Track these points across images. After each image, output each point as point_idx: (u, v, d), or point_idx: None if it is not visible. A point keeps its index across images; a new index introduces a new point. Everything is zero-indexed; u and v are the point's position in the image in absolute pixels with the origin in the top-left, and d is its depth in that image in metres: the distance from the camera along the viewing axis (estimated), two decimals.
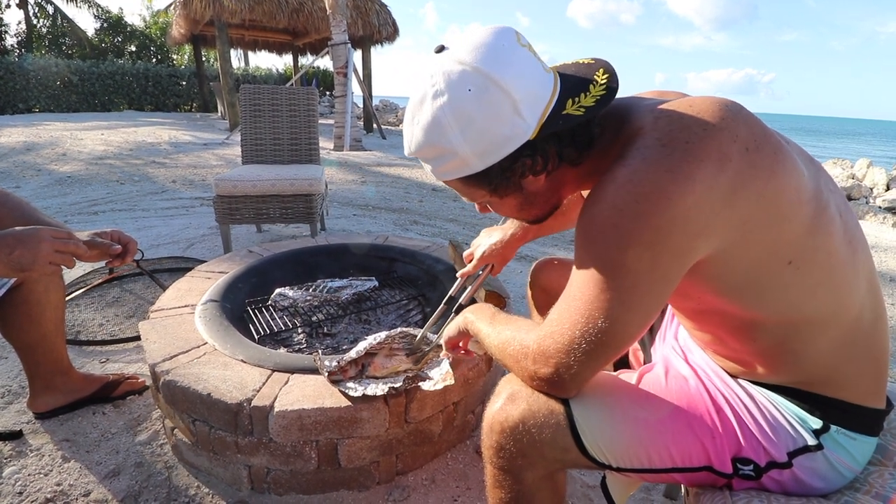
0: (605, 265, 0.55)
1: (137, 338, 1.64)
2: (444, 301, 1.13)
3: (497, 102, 0.56)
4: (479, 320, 0.78)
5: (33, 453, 1.17)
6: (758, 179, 0.53)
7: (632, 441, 0.63)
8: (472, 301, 1.40)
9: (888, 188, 6.44)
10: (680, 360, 0.74)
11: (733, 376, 0.67)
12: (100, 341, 1.67)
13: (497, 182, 0.63)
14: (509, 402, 0.66)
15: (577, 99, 0.58)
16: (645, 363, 0.89)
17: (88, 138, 6.49)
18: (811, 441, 0.60)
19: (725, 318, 0.62)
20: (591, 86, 0.59)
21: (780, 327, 0.59)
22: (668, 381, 0.68)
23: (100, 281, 2.07)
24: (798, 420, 0.61)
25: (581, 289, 0.57)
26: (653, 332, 0.92)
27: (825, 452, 0.60)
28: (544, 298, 1.11)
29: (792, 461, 0.60)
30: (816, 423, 0.60)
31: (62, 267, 0.91)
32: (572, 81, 0.60)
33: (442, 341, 0.91)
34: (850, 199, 6.06)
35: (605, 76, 0.60)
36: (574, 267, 0.59)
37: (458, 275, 1.15)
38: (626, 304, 0.55)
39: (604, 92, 0.58)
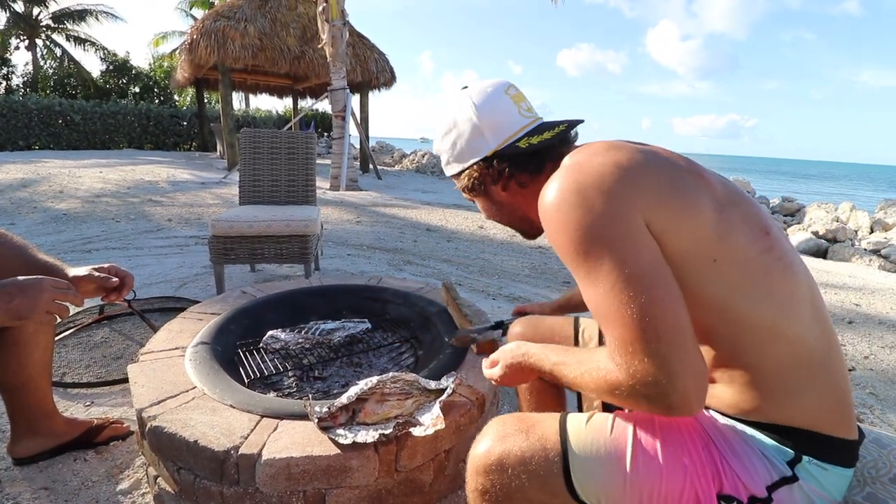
0: (591, 264, 0.60)
1: (124, 380, 1.61)
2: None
3: (469, 128, 0.81)
4: (543, 350, 0.75)
5: (10, 502, 1.13)
6: (660, 182, 0.64)
7: (626, 485, 0.63)
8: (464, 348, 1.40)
9: (872, 230, 6.61)
10: None
11: (706, 407, 0.69)
12: (85, 384, 1.64)
13: (471, 184, 0.83)
14: (498, 442, 0.66)
15: (531, 138, 0.78)
16: None
17: (86, 176, 6.57)
18: (787, 472, 0.61)
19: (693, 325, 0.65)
20: (548, 131, 0.78)
21: (729, 333, 0.64)
22: (658, 422, 0.69)
23: (90, 321, 2.05)
24: (771, 451, 0.63)
25: (602, 291, 0.59)
26: None
27: (801, 484, 0.61)
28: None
29: (771, 495, 0.61)
30: (788, 455, 0.62)
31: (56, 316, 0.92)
32: (542, 128, 0.80)
33: (492, 370, 0.87)
34: (835, 241, 6.19)
35: (562, 127, 0.79)
36: (582, 285, 0.63)
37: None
38: (635, 265, 0.58)
39: (551, 136, 0.77)
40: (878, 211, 7.80)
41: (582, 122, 0.81)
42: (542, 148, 0.77)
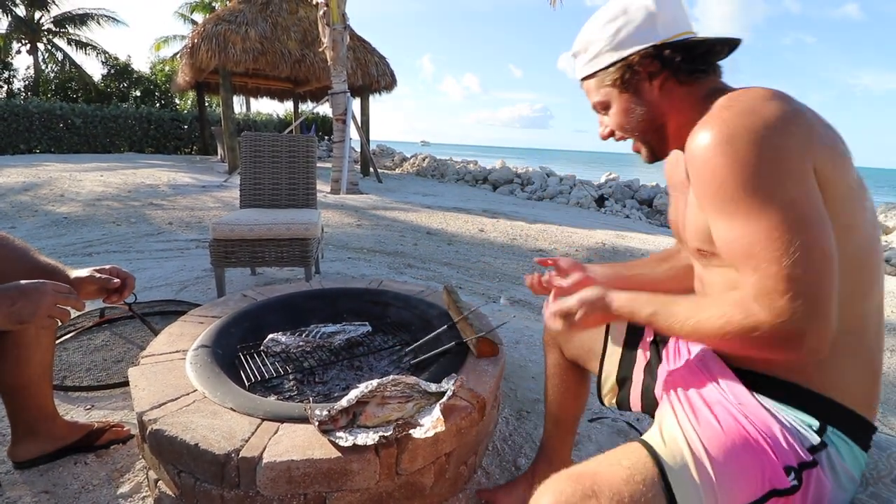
0: (753, 203, 0.60)
1: (125, 384, 1.61)
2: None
3: (643, 17, 0.75)
4: (635, 298, 0.75)
5: None
6: (823, 128, 0.65)
7: (723, 494, 0.62)
8: (463, 343, 1.40)
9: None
10: (707, 382, 0.76)
11: (740, 370, 0.72)
12: (86, 387, 1.64)
13: (625, 76, 0.77)
14: (586, 501, 0.60)
15: (702, 38, 0.75)
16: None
17: (87, 179, 6.58)
18: (815, 439, 0.64)
19: None
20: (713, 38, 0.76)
21: None
22: (720, 420, 0.68)
23: (90, 324, 2.05)
24: (800, 422, 0.65)
25: (762, 229, 0.59)
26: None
27: (829, 451, 0.64)
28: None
29: (814, 458, 0.63)
30: (815, 423, 0.65)
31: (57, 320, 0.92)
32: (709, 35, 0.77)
33: (556, 308, 0.83)
34: None
35: (728, 39, 0.76)
36: (734, 223, 0.62)
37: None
38: (803, 208, 0.59)
39: (722, 40, 0.75)
40: (879, 214, 7.82)
41: (740, 41, 0.77)
42: (711, 49, 0.75)
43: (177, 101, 18.01)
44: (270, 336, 1.49)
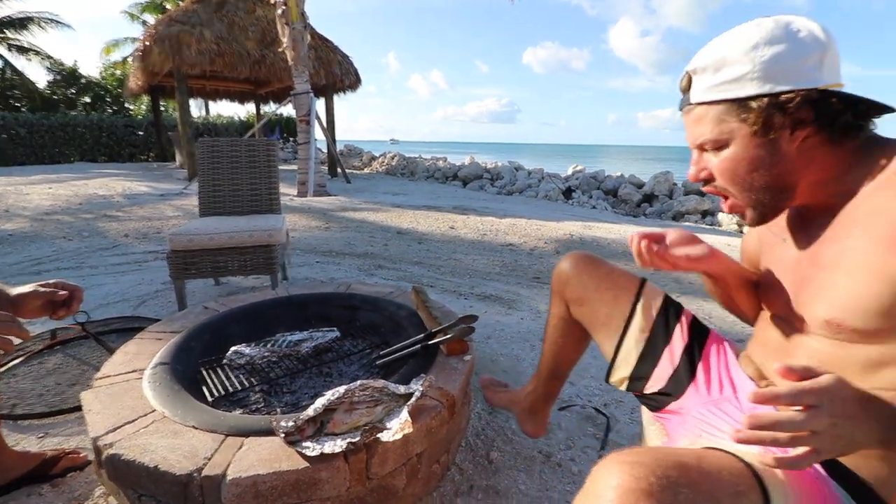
0: None
1: (80, 408, 1.54)
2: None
3: (811, 46, 0.61)
4: None
5: None
6: None
7: None
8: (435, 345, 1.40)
9: None
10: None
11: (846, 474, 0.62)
12: (38, 414, 1.55)
13: (766, 117, 0.63)
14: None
15: (858, 96, 0.63)
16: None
17: (34, 193, 6.23)
18: None
19: None
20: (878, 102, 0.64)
21: None
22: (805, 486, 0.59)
23: (41, 347, 1.95)
24: None
25: None
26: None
27: None
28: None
29: None
30: None
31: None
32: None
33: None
34: None
35: (884, 105, 0.64)
36: None
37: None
38: None
39: (881, 104, 0.63)
40: None
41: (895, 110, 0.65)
42: (870, 110, 0.63)
43: (130, 106, 17.25)
44: (233, 348, 1.45)
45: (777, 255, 0.77)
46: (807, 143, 0.64)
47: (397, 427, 1.01)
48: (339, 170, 9.86)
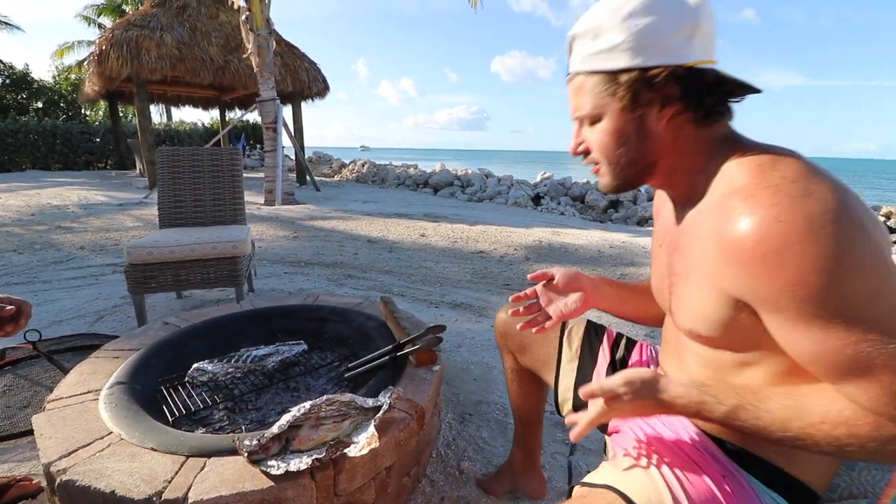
0: (839, 298, 0.50)
1: (32, 432, 1.46)
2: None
3: (683, 17, 0.59)
4: (706, 391, 0.60)
5: None
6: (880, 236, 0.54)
7: None
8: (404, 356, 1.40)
9: None
10: (684, 437, 0.71)
11: (719, 439, 0.69)
12: None
13: (634, 92, 0.62)
14: None
15: (730, 75, 0.62)
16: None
17: None
18: None
19: (792, 369, 0.60)
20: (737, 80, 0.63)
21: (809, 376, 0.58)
22: (702, 482, 0.64)
23: None
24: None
25: (871, 337, 0.50)
26: None
27: None
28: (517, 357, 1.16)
29: None
30: None
31: None
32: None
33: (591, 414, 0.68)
34: None
35: (750, 86, 0.64)
36: (823, 327, 0.51)
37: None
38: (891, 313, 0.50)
39: (749, 84, 0.63)
40: None
41: (761, 91, 0.64)
42: (736, 90, 0.63)
43: (86, 112, 16.54)
44: (196, 365, 1.41)
45: (658, 259, 0.79)
46: (673, 121, 0.64)
47: (364, 441, 1.00)
48: (307, 177, 9.72)
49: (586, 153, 0.71)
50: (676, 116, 0.63)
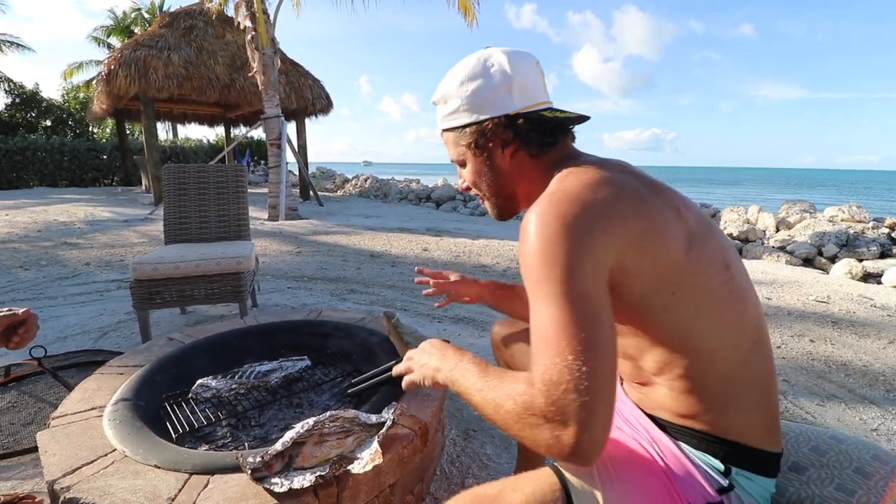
0: (546, 290, 0.60)
1: (36, 449, 1.46)
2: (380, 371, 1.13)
3: (500, 79, 0.75)
4: (465, 374, 0.70)
5: None
6: (639, 222, 0.65)
7: None
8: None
9: (777, 229, 7.32)
10: (619, 419, 0.80)
11: (652, 416, 0.74)
12: None
13: (479, 140, 0.78)
14: None
15: (554, 112, 0.78)
16: None
17: None
18: (724, 482, 0.67)
19: (638, 340, 0.70)
20: (566, 113, 0.79)
21: (674, 349, 0.68)
22: (632, 449, 0.72)
23: None
24: (708, 465, 0.68)
25: (552, 316, 0.58)
26: None
27: (736, 492, 0.67)
28: (510, 356, 1.23)
29: (721, 500, 0.66)
30: (720, 466, 0.67)
31: None
32: (558, 110, 0.80)
33: (403, 384, 0.87)
34: (747, 241, 6.80)
35: (578, 115, 0.80)
36: (533, 306, 0.61)
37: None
38: (589, 304, 0.58)
39: (572, 115, 0.78)
40: (781, 211, 8.67)
41: (588, 118, 0.81)
42: (563, 123, 0.78)
43: (94, 129, 16.80)
44: (199, 381, 1.42)
45: None
46: (515, 157, 0.79)
47: (368, 458, 1.00)
48: (311, 193, 9.80)
49: (469, 189, 0.88)
50: (517, 153, 0.78)
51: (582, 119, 0.80)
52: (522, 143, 0.77)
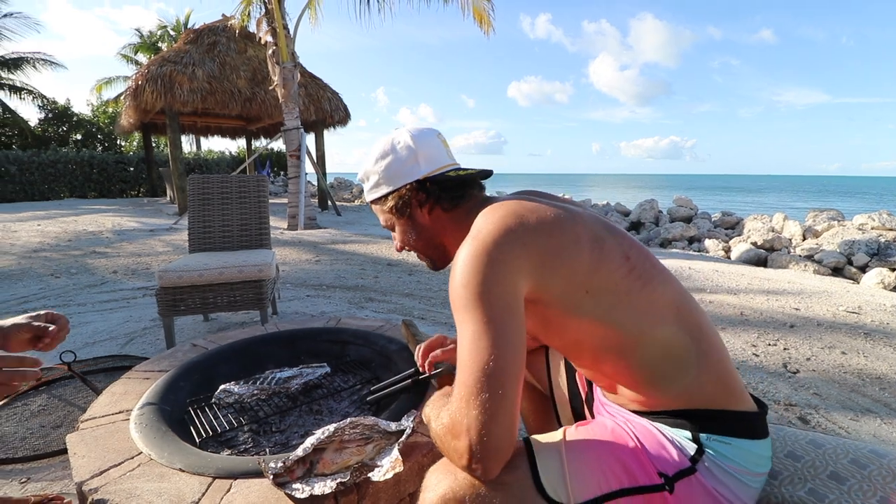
0: (465, 317, 0.69)
1: (64, 451, 1.50)
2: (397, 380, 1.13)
3: (406, 153, 0.90)
4: (432, 406, 0.82)
5: None
6: (541, 240, 0.73)
7: (584, 473, 0.70)
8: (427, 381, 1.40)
9: (804, 238, 7.12)
10: (604, 414, 0.88)
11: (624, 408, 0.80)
12: (21, 458, 1.51)
13: (398, 205, 0.92)
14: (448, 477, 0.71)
15: (459, 172, 0.91)
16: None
17: (23, 230, 6.19)
18: (692, 448, 0.70)
19: (580, 347, 0.79)
20: (469, 170, 0.92)
21: (605, 344, 0.75)
22: (596, 426, 0.79)
23: (25, 388, 1.91)
24: (681, 437, 0.72)
25: (467, 342, 0.67)
26: (590, 407, 0.98)
27: (708, 456, 0.69)
28: None
29: (695, 466, 0.69)
30: (687, 434, 0.71)
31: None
32: (462, 169, 0.93)
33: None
34: (772, 249, 6.62)
35: (479, 172, 0.92)
36: (458, 334, 0.70)
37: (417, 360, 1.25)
38: (493, 340, 0.66)
39: (473, 171, 0.91)
40: (807, 219, 8.44)
41: (491, 173, 0.94)
42: (467, 179, 0.91)
43: (121, 142, 17.38)
44: (222, 387, 1.44)
45: None
46: (433, 214, 0.92)
47: (388, 466, 1.00)
48: (329, 202, 9.93)
49: (403, 247, 0.99)
50: (433, 210, 0.91)
51: (484, 174, 0.93)
52: (435, 201, 0.90)
